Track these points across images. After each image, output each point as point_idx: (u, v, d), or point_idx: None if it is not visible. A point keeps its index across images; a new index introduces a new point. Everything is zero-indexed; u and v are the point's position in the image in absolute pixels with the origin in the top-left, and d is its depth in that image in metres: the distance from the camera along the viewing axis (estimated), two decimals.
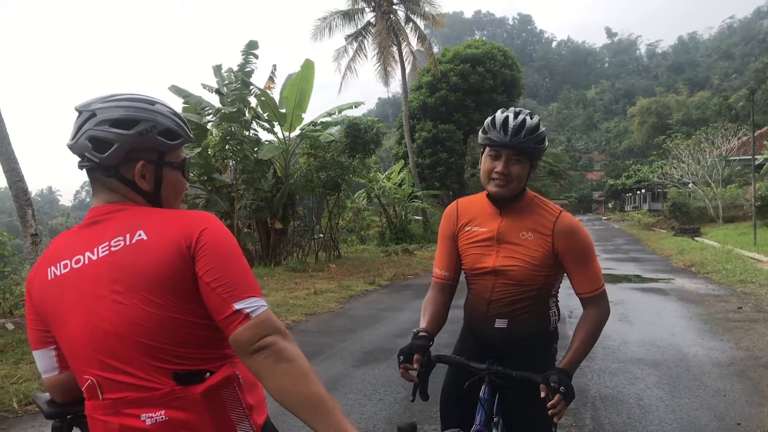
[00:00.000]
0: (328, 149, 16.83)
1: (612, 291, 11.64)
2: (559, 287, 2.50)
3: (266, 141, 18.11)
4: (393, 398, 5.22)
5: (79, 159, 1.51)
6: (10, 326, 7.59)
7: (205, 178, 17.75)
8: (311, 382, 1.36)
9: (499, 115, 2.33)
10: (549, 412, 2.08)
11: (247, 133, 16.49)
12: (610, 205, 75.53)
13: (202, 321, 1.41)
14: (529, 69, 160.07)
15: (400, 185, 27.66)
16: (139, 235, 1.42)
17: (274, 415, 1.64)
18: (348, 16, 30.83)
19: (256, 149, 16.43)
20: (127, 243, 1.42)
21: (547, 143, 2.39)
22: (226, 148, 15.49)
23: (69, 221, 71.49)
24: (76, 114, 1.51)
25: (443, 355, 2.46)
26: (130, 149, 1.49)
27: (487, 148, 2.33)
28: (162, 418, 1.38)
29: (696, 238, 24.26)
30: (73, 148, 1.50)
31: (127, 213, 1.48)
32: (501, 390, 2.41)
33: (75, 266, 1.45)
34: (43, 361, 1.58)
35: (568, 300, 10.28)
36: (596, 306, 2.36)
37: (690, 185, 36.03)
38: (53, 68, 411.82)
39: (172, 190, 1.60)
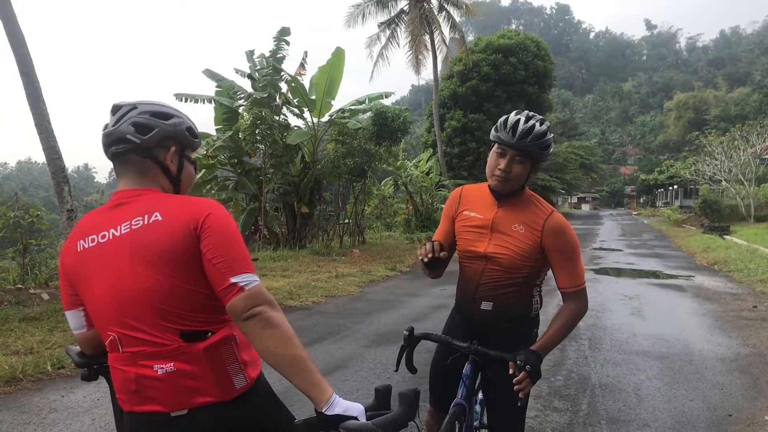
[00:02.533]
0: (355, 136, 17.05)
1: (629, 286, 11.79)
2: (544, 278, 2.69)
3: (295, 126, 18.42)
4: (401, 377, 5.47)
5: (115, 145, 1.79)
6: (45, 296, 8.02)
7: (236, 160, 18.15)
8: (293, 345, 1.62)
9: (512, 116, 2.53)
10: (514, 387, 2.31)
11: (277, 118, 16.82)
12: (641, 200, 74.54)
13: (205, 291, 1.68)
14: (565, 60, 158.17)
15: (427, 174, 27.76)
16: (156, 216, 1.70)
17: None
18: (381, 3, 30.91)
19: (285, 134, 16.74)
20: (146, 222, 1.70)
21: (552, 150, 2.58)
22: (256, 132, 15.83)
23: (104, 198, 72.97)
24: (114, 109, 1.83)
25: (429, 333, 2.70)
26: (165, 137, 1.82)
27: (496, 145, 2.54)
28: (171, 368, 1.66)
29: (724, 237, 24.01)
30: (114, 132, 1.78)
31: (146, 197, 1.76)
32: (481, 367, 2.65)
33: (101, 241, 1.74)
34: (74, 320, 1.90)
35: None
36: (575, 301, 2.55)
37: (722, 183, 35.53)
38: (91, 50, 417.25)
39: (187, 179, 1.93)
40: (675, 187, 56.66)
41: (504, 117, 2.55)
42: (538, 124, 2.47)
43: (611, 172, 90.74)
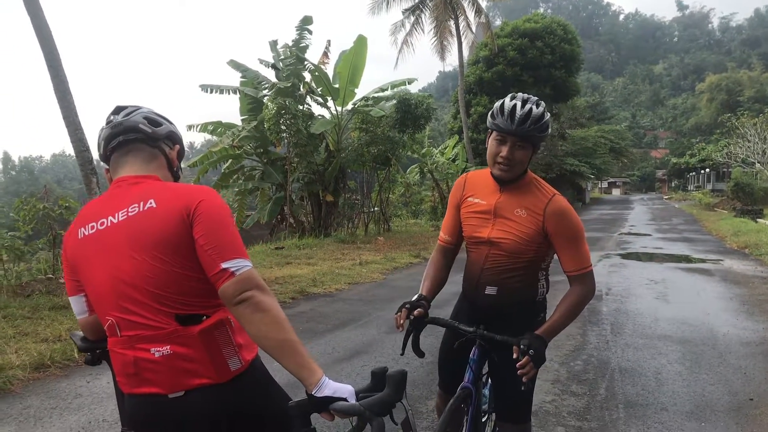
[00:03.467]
0: (378, 124, 17.04)
1: (656, 270, 11.68)
2: (550, 262, 2.70)
3: (319, 115, 18.48)
4: (419, 362, 5.48)
5: (124, 134, 1.87)
6: None
7: (261, 150, 18.33)
8: (282, 329, 1.65)
9: (508, 102, 2.51)
10: (518, 372, 2.31)
11: (300, 107, 16.90)
12: (673, 184, 73.35)
13: (199, 275, 1.72)
14: (595, 43, 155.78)
15: (453, 160, 27.67)
16: (150, 203, 1.76)
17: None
18: None
19: (309, 123, 16.81)
20: (141, 209, 1.76)
21: (550, 130, 2.59)
22: (281, 121, 15.93)
23: None
24: (119, 109, 1.93)
25: (436, 317, 2.70)
26: (170, 134, 1.96)
27: (494, 132, 2.54)
28: (168, 351, 1.71)
29: (757, 220, 23.58)
30: (124, 122, 1.87)
31: (143, 185, 1.82)
32: (488, 352, 2.66)
33: (100, 228, 1.80)
34: (77, 305, 1.97)
35: (608, 277, 10.32)
36: (580, 284, 2.54)
37: (756, 165, 34.80)
38: (118, 42, 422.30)
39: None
40: (707, 170, 55.69)
41: (499, 103, 2.53)
42: (534, 107, 2.47)
43: (642, 156, 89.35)
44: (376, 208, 19.55)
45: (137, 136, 1.88)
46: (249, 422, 1.82)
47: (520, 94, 2.55)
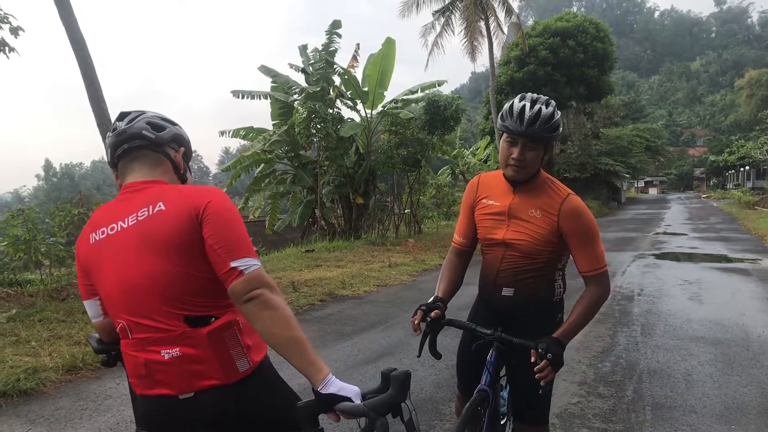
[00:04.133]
0: (408, 126, 17.04)
1: (691, 270, 11.48)
2: (566, 262, 2.67)
3: (349, 119, 18.56)
4: (444, 364, 5.49)
5: (128, 142, 1.91)
6: None
7: (292, 154, 18.48)
8: (290, 327, 1.68)
9: (517, 103, 2.50)
10: (536, 376, 2.29)
11: (330, 111, 16.98)
12: (711, 182, 71.84)
13: (208, 275, 1.75)
14: (629, 41, 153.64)
15: (485, 161, 27.55)
16: (160, 206, 1.79)
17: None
18: None
19: (338, 127, 16.89)
20: (150, 213, 1.79)
21: (561, 130, 2.57)
22: (311, 125, 16.04)
23: None
24: (123, 116, 1.97)
25: (453, 319, 2.69)
26: (174, 137, 1.98)
27: (505, 134, 2.53)
28: (177, 353, 1.74)
29: None
30: (128, 130, 1.91)
31: (152, 189, 1.86)
32: (506, 354, 2.65)
33: (110, 233, 1.84)
34: (92, 309, 2.01)
35: (641, 278, 10.17)
36: (596, 285, 2.51)
37: None
38: (150, 50, 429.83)
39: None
40: (746, 168, 54.42)
41: (508, 104, 2.52)
42: (544, 107, 2.45)
43: (679, 155, 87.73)
44: (407, 210, 19.54)
45: (141, 143, 1.91)
46: (258, 423, 1.85)
47: (528, 95, 2.54)
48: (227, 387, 1.77)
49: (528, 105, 2.46)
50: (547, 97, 2.52)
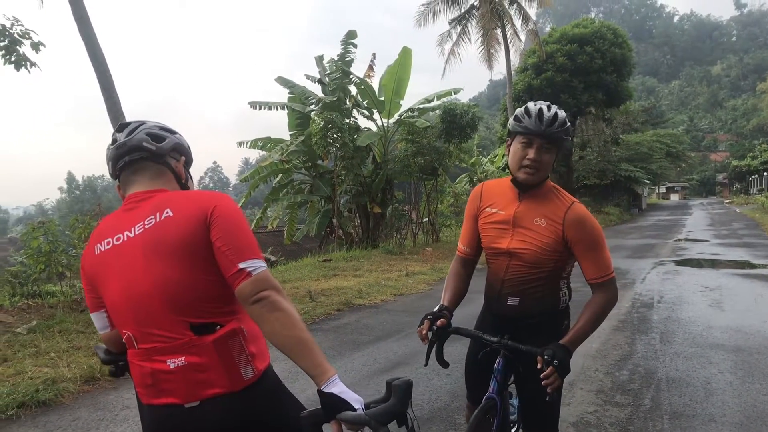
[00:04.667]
0: (424, 135, 17.05)
1: (712, 277, 11.32)
2: (571, 270, 2.66)
3: (365, 128, 18.63)
4: (460, 373, 5.43)
5: (129, 154, 1.92)
6: None
7: (310, 164, 18.56)
8: (297, 328, 1.69)
9: (533, 105, 2.51)
10: (542, 383, 2.28)
11: (347, 120, 17.06)
12: (734, 187, 70.88)
13: (215, 278, 1.76)
14: (649, 46, 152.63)
15: (503, 169, 27.38)
16: (167, 212, 1.81)
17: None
18: (452, 0, 30.73)
19: (355, 136, 16.95)
20: (158, 220, 1.81)
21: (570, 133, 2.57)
22: (327, 135, 16.12)
23: None
24: (122, 127, 1.97)
25: (460, 327, 2.69)
26: (175, 146, 2.00)
27: (519, 136, 2.52)
28: (182, 362, 1.75)
29: None
30: (128, 143, 1.91)
31: (157, 198, 1.87)
32: (513, 362, 2.64)
33: (116, 243, 1.85)
34: (98, 321, 2.03)
35: (661, 285, 10.04)
36: (603, 292, 2.50)
37: None
38: (168, 63, 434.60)
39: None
40: None
41: (523, 107, 2.53)
42: (559, 112, 2.48)
43: (701, 160, 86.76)
44: (425, 219, 19.52)
45: (142, 155, 1.92)
46: (263, 431, 1.85)
47: (540, 101, 2.56)
48: (232, 395, 1.78)
49: (545, 107, 2.48)
50: (556, 106, 2.53)
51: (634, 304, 8.81)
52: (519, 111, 2.54)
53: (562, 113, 2.48)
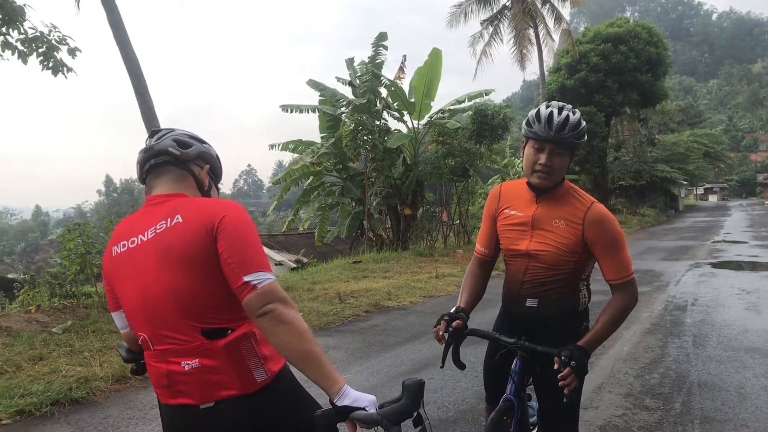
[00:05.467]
0: (455, 136, 16.99)
1: (749, 279, 11.10)
2: (590, 272, 2.63)
3: (396, 130, 18.64)
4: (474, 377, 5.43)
5: (155, 158, 1.97)
6: None
7: (341, 166, 18.63)
8: (305, 341, 1.70)
9: (544, 109, 2.48)
10: (559, 384, 2.25)
11: (377, 122, 17.08)
12: None
13: (224, 288, 1.77)
14: (686, 44, 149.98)
15: None
16: (177, 218, 1.82)
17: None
18: (483, 0, 30.60)
19: (385, 138, 16.97)
20: (168, 225, 1.82)
21: (586, 137, 2.53)
22: (357, 137, 16.16)
23: None
24: (153, 133, 2.05)
25: (476, 329, 2.68)
26: (200, 154, 2.03)
27: (531, 141, 2.51)
28: (196, 364, 1.77)
29: None
30: (155, 146, 1.97)
31: (170, 202, 1.89)
32: (530, 363, 2.61)
33: (131, 246, 1.88)
34: (119, 320, 2.07)
35: (695, 288, 9.86)
36: (623, 293, 2.46)
37: None
38: (202, 69, 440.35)
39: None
40: None
41: (534, 111, 2.51)
42: (571, 114, 2.44)
43: (740, 160, 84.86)
44: (456, 221, 19.45)
45: (167, 159, 1.96)
46: (278, 431, 1.87)
47: (554, 102, 2.52)
48: (246, 397, 1.79)
49: (556, 111, 2.45)
50: (572, 106, 2.50)
51: (667, 307, 8.66)
52: (530, 115, 2.52)
53: (575, 116, 2.44)
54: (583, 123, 2.47)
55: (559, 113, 2.43)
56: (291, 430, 1.89)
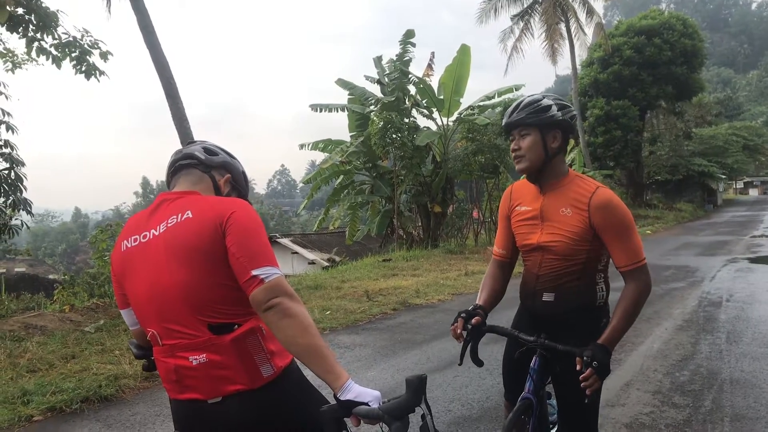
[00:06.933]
0: (484, 132, 16.88)
1: None
2: (607, 263, 2.57)
3: (425, 127, 18.59)
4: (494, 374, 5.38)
5: (182, 160, 2.06)
6: None
7: (370, 165, 18.66)
8: (310, 334, 1.70)
9: (513, 103, 2.57)
10: (581, 384, 2.21)
11: (406, 120, 17.07)
12: None
13: (231, 283, 1.79)
14: (725, 35, 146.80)
15: (570, 165, 26.81)
16: (188, 214, 1.85)
17: None
18: None
19: (414, 136, 16.94)
20: (179, 220, 1.85)
21: (555, 111, 2.44)
22: (386, 135, 16.17)
23: (263, 207, 77.40)
24: (190, 143, 2.18)
25: (495, 326, 2.66)
26: (224, 164, 2.10)
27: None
28: (204, 359, 1.79)
29: None
30: (184, 150, 2.09)
31: (182, 199, 1.92)
32: (550, 361, 2.58)
33: (143, 241, 1.91)
34: (128, 317, 2.09)
35: (731, 283, 9.66)
36: (635, 280, 2.40)
37: None
38: (231, 69, 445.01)
39: None
40: None
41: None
42: (528, 97, 2.50)
43: None
44: (489, 219, 19.34)
45: (191, 162, 2.04)
46: (284, 427, 1.87)
47: (534, 95, 2.57)
48: (252, 392, 1.80)
49: (516, 102, 2.54)
50: (556, 95, 2.51)
51: (701, 303, 8.49)
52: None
53: (534, 97, 2.49)
54: (547, 101, 2.46)
55: (520, 101, 2.52)
56: (298, 425, 1.90)
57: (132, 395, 5.27)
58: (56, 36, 8.98)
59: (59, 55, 9.16)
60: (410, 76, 17.29)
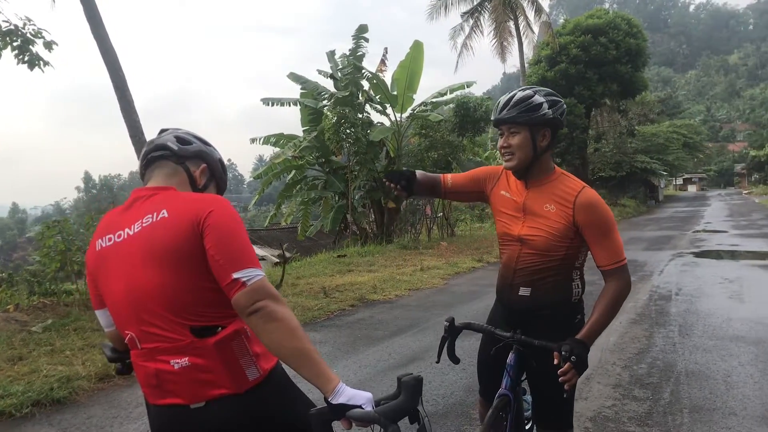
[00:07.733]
0: (437, 129, 16.98)
1: (731, 268, 11.20)
2: (584, 260, 2.59)
3: (378, 123, 18.58)
4: (474, 368, 5.38)
5: (154, 151, 1.95)
6: None
7: (323, 160, 18.55)
8: (296, 338, 1.63)
9: (503, 96, 2.52)
10: (560, 379, 2.22)
11: (360, 115, 17.02)
12: (753, 178, 69.98)
13: (212, 285, 1.70)
14: (664, 36, 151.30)
15: None
16: (163, 213, 1.76)
17: None
18: None
19: (368, 131, 16.91)
20: (154, 220, 1.76)
21: (545, 110, 2.43)
22: (340, 130, 16.09)
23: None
24: (162, 131, 2.06)
25: (472, 322, 2.65)
26: (199, 153, 1.99)
27: (497, 129, 2.55)
28: (186, 363, 1.71)
29: None
30: (156, 140, 1.97)
31: (157, 197, 1.83)
32: (525, 357, 2.58)
33: (117, 240, 1.81)
34: (103, 318, 1.98)
35: (679, 277, 9.91)
36: (616, 279, 2.42)
37: None
38: (181, 61, 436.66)
39: None
40: None
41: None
42: (520, 93, 2.46)
43: (719, 151, 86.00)
44: (440, 214, 19.45)
45: (164, 153, 1.93)
46: (272, 431, 1.82)
47: (519, 89, 2.54)
48: (237, 396, 1.73)
49: (507, 96, 2.49)
50: (547, 90, 2.48)
51: (651, 297, 8.71)
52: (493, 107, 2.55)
53: (522, 93, 2.44)
54: (538, 98, 2.43)
55: (510, 96, 2.48)
56: (284, 429, 1.84)
57: (86, 398, 5.10)
58: None
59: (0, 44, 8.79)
60: (364, 71, 17.22)
